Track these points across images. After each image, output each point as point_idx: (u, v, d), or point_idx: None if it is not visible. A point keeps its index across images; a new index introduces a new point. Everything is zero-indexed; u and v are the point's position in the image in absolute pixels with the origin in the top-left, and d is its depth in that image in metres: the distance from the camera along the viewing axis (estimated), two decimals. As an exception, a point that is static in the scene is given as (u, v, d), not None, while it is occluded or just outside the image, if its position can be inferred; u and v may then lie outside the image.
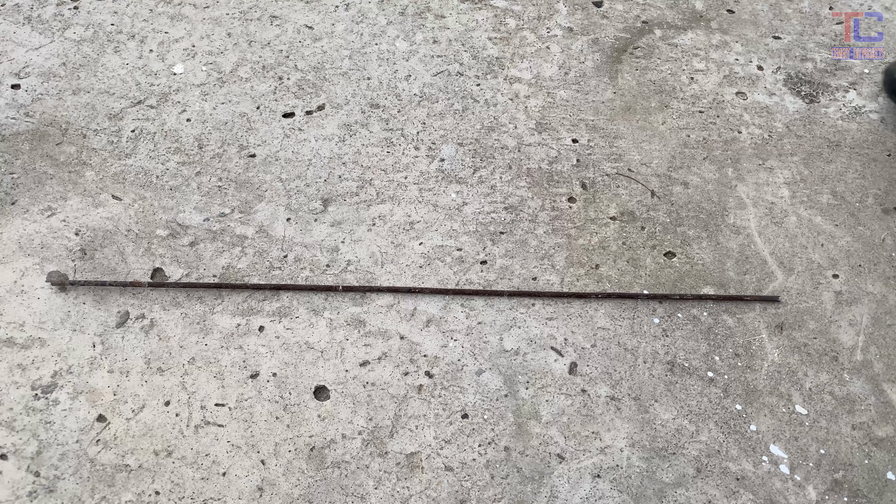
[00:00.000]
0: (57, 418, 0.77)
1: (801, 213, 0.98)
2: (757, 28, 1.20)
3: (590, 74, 1.12)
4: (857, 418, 0.81)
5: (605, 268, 0.91)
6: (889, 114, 1.09)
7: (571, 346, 0.85)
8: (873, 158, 1.04)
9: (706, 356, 0.85)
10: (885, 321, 0.88)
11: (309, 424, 0.78)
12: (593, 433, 0.79)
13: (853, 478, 0.77)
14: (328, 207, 0.95)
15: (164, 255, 0.89)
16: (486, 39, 1.15)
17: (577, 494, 0.75)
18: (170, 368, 0.81)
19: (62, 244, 0.90)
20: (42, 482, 0.73)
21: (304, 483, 0.75)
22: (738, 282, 0.90)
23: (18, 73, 1.07)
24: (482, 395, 0.81)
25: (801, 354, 0.85)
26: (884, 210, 0.99)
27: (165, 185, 0.96)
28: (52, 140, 1.00)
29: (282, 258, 0.90)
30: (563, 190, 0.98)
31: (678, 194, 0.99)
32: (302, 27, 1.16)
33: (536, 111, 1.07)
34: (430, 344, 0.84)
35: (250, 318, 0.85)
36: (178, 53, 1.11)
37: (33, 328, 0.83)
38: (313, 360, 0.83)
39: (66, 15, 1.15)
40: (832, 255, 0.94)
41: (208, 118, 1.04)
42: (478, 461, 0.77)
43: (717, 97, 1.10)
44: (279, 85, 1.08)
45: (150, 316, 0.85)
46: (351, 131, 1.03)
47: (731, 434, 0.79)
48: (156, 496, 0.73)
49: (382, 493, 0.74)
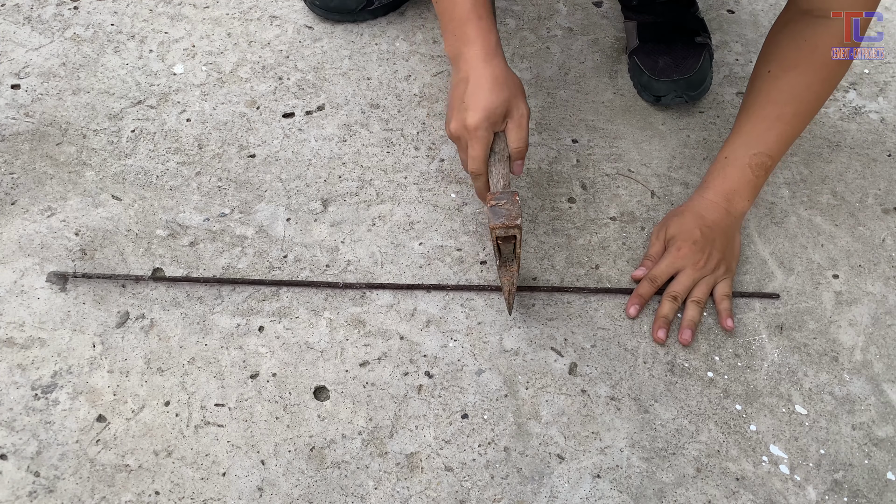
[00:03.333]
0: (57, 418, 0.77)
1: (801, 213, 0.98)
2: (757, 28, 1.20)
3: (590, 74, 1.12)
4: (857, 418, 0.81)
5: (605, 268, 0.91)
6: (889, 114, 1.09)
7: (571, 346, 0.85)
8: (873, 158, 1.04)
9: (706, 356, 0.85)
10: (885, 321, 0.88)
11: (309, 424, 0.78)
12: (593, 433, 0.79)
13: (853, 478, 0.77)
14: (328, 207, 0.95)
15: (164, 255, 0.90)
16: (486, 39, 1.15)
17: (577, 494, 0.75)
18: (170, 368, 0.81)
19: (62, 244, 0.90)
20: (42, 482, 0.73)
21: (304, 483, 0.75)
22: (737, 281, 0.90)
23: (18, 73, 1.07)
24: (482, 395, 0.81)
25: (801, 354, 0.85)
26: (884, 210, 0.99)
27: (165, 185, 0.96)
28: (52, 140, 1.00)
29: (282, 258, 0.90)
30: (562, 190, 0.98)
31: (678, 194, 0.99)
32: (302, 27, 1.16)
33: (536, 111, 1.07)
34: (430, 344, 0.84)
35: (250, 319, 0.85)
36: (178, 53, 1.11)
37: (33, 328, 0.83)
38: (313, 360, 0.83)
39: (66, 15, 1.15)
40: (832, 255, 0.94)
41: (208, 118, 1.04)
42: (478, 461, 0.77)
43: (717, 97, 1.10)
44: (279, 85, 1.08)
45: (150, 316, 0.85)
46: (351, 131, 1.03)
47: (731, 434, 0.79)
48: (156, 496, 0.73)
49: (382, 494, 0.74)
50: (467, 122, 0.76)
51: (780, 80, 0.83)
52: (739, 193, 0.87)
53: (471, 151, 0.78)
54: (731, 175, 0.87)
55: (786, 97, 0.83)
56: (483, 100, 0.76)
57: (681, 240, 0.87)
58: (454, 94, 0.79)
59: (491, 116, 0.76)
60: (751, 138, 0.85)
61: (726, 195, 0.87)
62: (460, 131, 0.78)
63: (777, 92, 0.84)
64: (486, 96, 0.76)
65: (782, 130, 0.84)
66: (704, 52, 1.06)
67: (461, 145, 0.80)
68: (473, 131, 0.76)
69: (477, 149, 0.78)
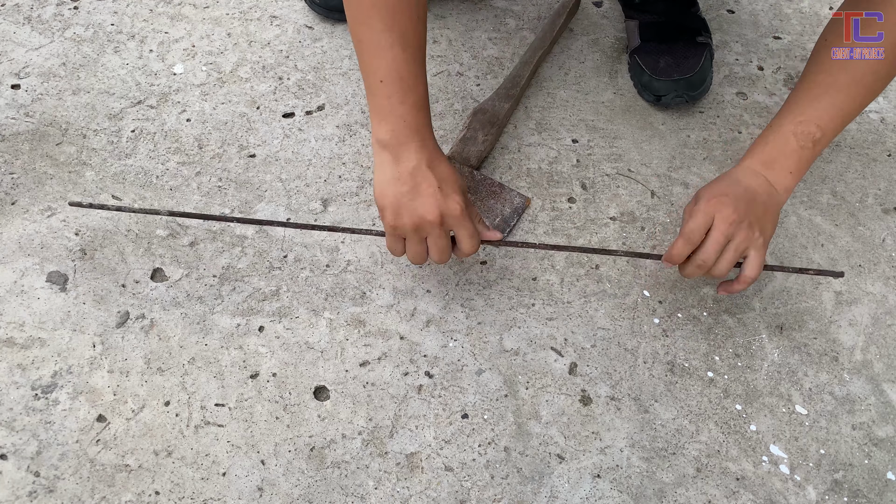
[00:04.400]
0: (57, 418, 0.77)
1: (801, 213, 0.98)
2: (757, 28, 1.20)
3: (590, 74, 1.12)
4: (857, 418, 0.81)
5: (605, 268, 0.91)
6: (889, 113, 1.09)
7: (571, 346, 0.85)
8: (873, 158, 1.04)
9: (706, 356, 0.85)
10: (885, 321, 0.88)
11: (309, 424, 0.78)
12: (593, 433, 0.79)
13: (853, 478, 0.77)
14: (328, 207, 0.95)
15: (164, 255, 0.90)
16: (486, 39, 1.15)
17: (577, 494, 0.75)
18: (170, 368, 0.81)
19: (62, 244, 0.90)
20: (42, 482, 0.73)
21: (304, 483, 0.75)
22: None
23: (18, 73, 1.07)
24: (482, 395, 0.81)
25: (801, 354, 0.85)
26: (884, 210, 0.99)
27: (165, 185, 0.96)
28: (52, 140, 1.00)
29: (282, 258, 0.90)
30: (562, 190, 0.98)
31: (678, 194, 0.99)
32: (302, 27, 1.16)
33: (536, 111, 1.07)
34: (430, 344, 0.84)
35: (250, 319, 0.85)
36: (178, 53, 1.11)
37: (33, 328, 0.83)
38: (313, 360, 0.83)
39: (66, 15, 1.15)
40: (832, 255, 0.94)
41: (208, 118, 1.04)
42: (478, 461, 0.77)
43: (718, 97, 1.10)
44: (279, 85, 1.08)
45: (151, 316, 0.85)
46: (351, 131, 1.03)
47: (731, 434, 0.79)
48: (156, 496, 0.73)
49: (382, 494, 0.74)
50: (453, 208, 0.72)
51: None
52: (780, 163, 0.76)
53: (467, 231, 0.74)
54: (771, 141, 0.77)
55: (840, 64, 0.74)
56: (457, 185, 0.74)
57: (712, 196, 0.76)
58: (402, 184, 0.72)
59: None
60: (798, 106, 0.77)
61: (765, 162, 0.77)
62: (437, 219, 0.72)
63: (832, 62, 0.75)
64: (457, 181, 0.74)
65: (835, 99, 0.75)
66: (705, 52, 1.06)
67: (415, 238, 0.74)
68: (462, 215, 0.73)
69: (471, 227, 0.75)
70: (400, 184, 0.71)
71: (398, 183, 0.72)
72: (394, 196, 0.72)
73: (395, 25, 0.69)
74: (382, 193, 0.73)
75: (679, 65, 1.04)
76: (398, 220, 0.73)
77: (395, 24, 0.69)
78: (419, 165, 0.72)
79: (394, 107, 0.71)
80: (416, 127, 0.72)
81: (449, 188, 0.73)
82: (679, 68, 1.04)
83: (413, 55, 0.70)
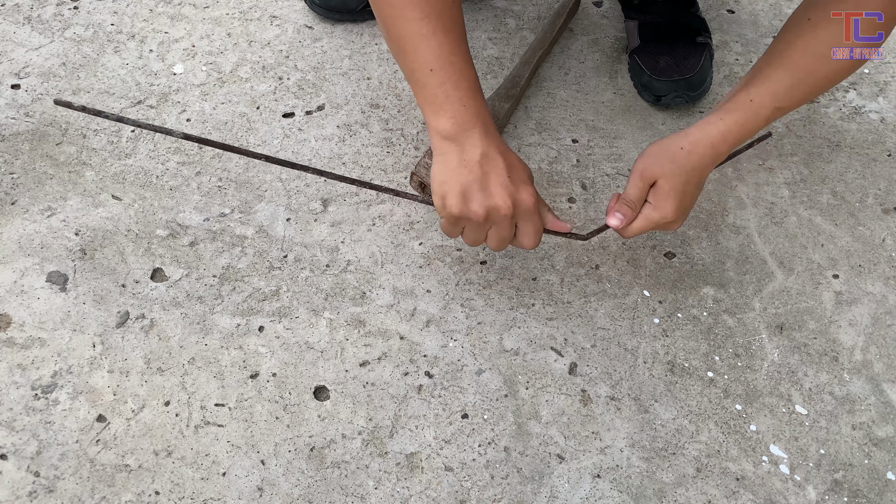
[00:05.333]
0: (57, 418, 0.77)
1: (801, 213, 0.98)
2: (757, 28, 1.20)
3: (590, 74, 1.12)
4: (857, 418, 0.81)
5: (605, 268, 0.91)
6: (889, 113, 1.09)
7: (571, 346, 0.85)
8: (873, 158, 1.04)
9: (706, 356, 0.85)
10: (885, 321, 0.88)
11: (309, 424, 0.78)
12: (593, 433, 0.79)
13: (853, 478, 0.77)
14: (328, 207, 0.95)
15: (164, 255, 0.90)
16: (486, 39, 1.16)
17: (577, 494, 0.75)
18: (170, 368, 0.81)
19: (62, 244, 0.90)
20: (42, 482, 0.73)
21: (304, 483, 0.75)
22: (738, 282, 0.90)
23: (18, 73, 1.07)
24: (482, 395, 0.81)
25: (801, 354, 0.85)
26: (884, 210, 0.99)
27: (165, 185, 0.96)
28: (52, 140, 1.00)
29: (282, 258, 0.90)
30: (563, 190, 0.98)
31: (678, 194, 0.99)
32: (302, 27, 1.16)
33: (536, 111, 1.07)
34: (430, 344, 0.84)
35: (250, 319, 0.85)
36: (178, 53, 1.11)
37: (33, 328, 0.83)
38: (313, 360, 0.83)
39: (66, 15, 1.15)
40: (832, 255, 0.94)
41: (208, 118, 1.04)
42: (478, 461, 0.77)
43: (717, 97, 1.10)
44: (279, 85, 1.08)
45: (151, 316, 0.85)
46: (351, 131, 1.03)
47: (731, 434, 0.79)
48: (156, 496, 0.73)
49: (382, 494, 0.74)
50: (527, 200, 0.70)
51: (820, 28, 0.73)
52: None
53: (534, 227, 0.72)
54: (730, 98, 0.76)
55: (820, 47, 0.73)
56: (526, 174, 0.71)
57: (667, 194, 0.75)
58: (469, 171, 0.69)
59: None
60: (761, 78, 0.75)
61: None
62: (509, 210, 0.70)
63: (811, 40, 0.73)
64: (525, 170, 0.72)
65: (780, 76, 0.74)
66: (705, 52, 1.06)
67: (478, 226, 0.72)
68: (533, 208, 0.71)
69: (539, 223, 0.73)
70: (467, 172, 0.68)
71: (465, 171, 0.68)
72: (460, 184, 0.69)
73: (433, 12, 0.67)
74: (445, 181, 0.69)
75: (679, 65, 1.04)
76: (465, 209, 0.69)
77: (431, 10, 0.67)
78: (486, 153, 0.69)
79: (449, 94, 0.67)
80: (476, 111, 0.68)
81: (518, 178, 0.70)
82: (679, 68, 1.04)
83: (457, 39, 0.68)
